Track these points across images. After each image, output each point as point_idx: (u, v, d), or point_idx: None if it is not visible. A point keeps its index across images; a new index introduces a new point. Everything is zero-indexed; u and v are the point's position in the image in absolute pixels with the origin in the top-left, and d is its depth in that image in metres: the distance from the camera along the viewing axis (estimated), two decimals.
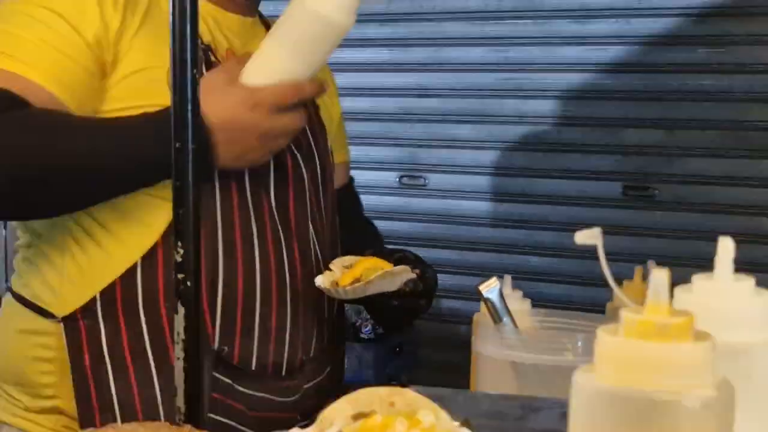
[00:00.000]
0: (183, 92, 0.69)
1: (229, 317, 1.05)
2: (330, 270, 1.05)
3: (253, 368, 1.08)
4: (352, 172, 1.32)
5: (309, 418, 0.66)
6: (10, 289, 1.16)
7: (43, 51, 0.96)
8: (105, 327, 1.02)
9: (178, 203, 0.71)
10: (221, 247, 1.04)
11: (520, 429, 0.71)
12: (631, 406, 0.43)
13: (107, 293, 1.02)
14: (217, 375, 1.04)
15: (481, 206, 2.59)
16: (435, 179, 2.64)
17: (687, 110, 2.33)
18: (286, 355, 1.11)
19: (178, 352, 0.72)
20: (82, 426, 0.98)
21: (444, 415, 0.60)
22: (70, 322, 1.03)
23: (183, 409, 0.72)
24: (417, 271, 1.06)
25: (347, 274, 1.03)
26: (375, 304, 1.12)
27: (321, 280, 1.03)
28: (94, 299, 1.02)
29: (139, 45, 0.96)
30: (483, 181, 2.58)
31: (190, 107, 0.70)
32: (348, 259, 1.07)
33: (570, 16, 2.44)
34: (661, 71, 2.36)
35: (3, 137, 0.92)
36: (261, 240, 1.07)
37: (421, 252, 1.24)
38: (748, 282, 0.53)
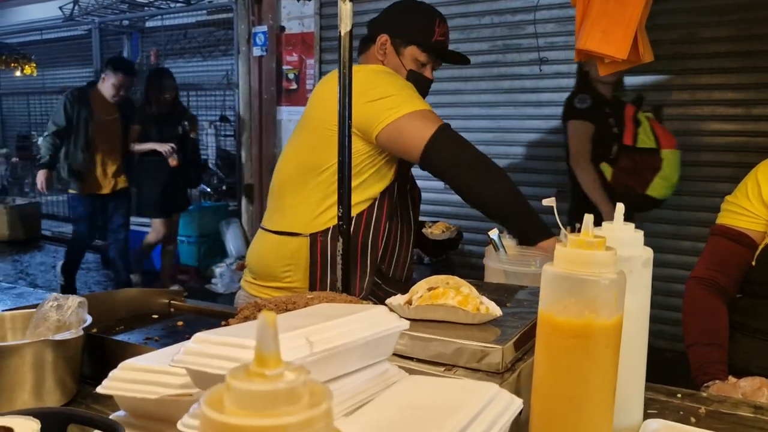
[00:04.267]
0: (343, 157, 1.50)
1: (385, 251, 1.81)
2: (425, 226, 1.91)
3: (390, 276, 1.84)
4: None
5: None
6: (263, 227, 1.86)
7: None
8: (330, 242, 1.71)
9: (342, 191, 1.52)
10: (388, 221, 1.78)
11: (510, 299, 1.13)
12: (572, 282, 0.74)
13: (334, 228, 1.68)
14: (376, 278, 1.80)
15: None
16: None
17: None
18: (404, 270, 1.90)
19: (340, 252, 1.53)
20: None
21: (474, 289, 1.00)
22: (313, 237, 1.73)
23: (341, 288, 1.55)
24: (456, 229, 1.93)
25: (436, 228, 1.89)
26: (436, 244, 1.93)
27: (425, 230, 1.86)
28: (328, 229, 1.72)
29: None
30: None
31: (347, 160, 1.49)
32: (429, 222, 1.93)
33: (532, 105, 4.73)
34: None
35: (459, 139, 1.64)
36: (400, 219, 1.83)
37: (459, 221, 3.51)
38: (630, 226, 0.89)
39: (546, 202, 1.01)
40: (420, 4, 1.82)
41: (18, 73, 7.12)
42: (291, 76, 5.97)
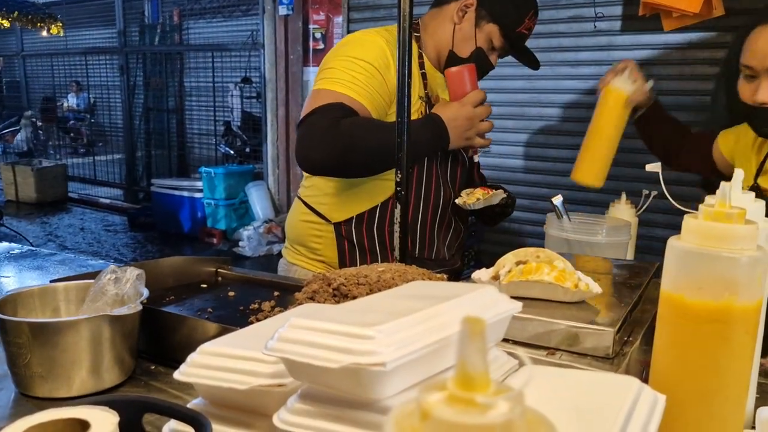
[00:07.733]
0: (402, 117, 1.40)
1: (420, 236, 1.73)
2: (460, 196, 1.67)
3: (425, 256, 1.77)
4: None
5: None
6: (298, 195, 1.82)
7: (363, 84, 1.53)
8: (355, 232, 1.69)
9: (400, 166, 1.42)
10: (421, 200, 1.70)
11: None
12: (710, 260, 0.65)
13: (358, 216, 1.68)
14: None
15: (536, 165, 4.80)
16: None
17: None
18: (442, 252, 1.80)
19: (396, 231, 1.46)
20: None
21: (569, 264, 0.86)
22: (336, 225, 1.70)
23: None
24: (507, 194, 1.66)
25: (471, 196, 1.64)
26: (485, 212, 1.70)
27: (459, 201, 1.66)
28: (351, 218, 1.68)
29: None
30: (534, 164, 4.78)
31: (405, 121, 1.39)
32: (467, 190, 1.69)
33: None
34: None
35: (349, 132, 1.46)
36: (435, 195, 1.71)
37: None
38: (750, 195, 0.78)
39: (650, 167, 0.91)
40: None
41: (44, 33, 7.01)
42: (318, 35, 5.82)
